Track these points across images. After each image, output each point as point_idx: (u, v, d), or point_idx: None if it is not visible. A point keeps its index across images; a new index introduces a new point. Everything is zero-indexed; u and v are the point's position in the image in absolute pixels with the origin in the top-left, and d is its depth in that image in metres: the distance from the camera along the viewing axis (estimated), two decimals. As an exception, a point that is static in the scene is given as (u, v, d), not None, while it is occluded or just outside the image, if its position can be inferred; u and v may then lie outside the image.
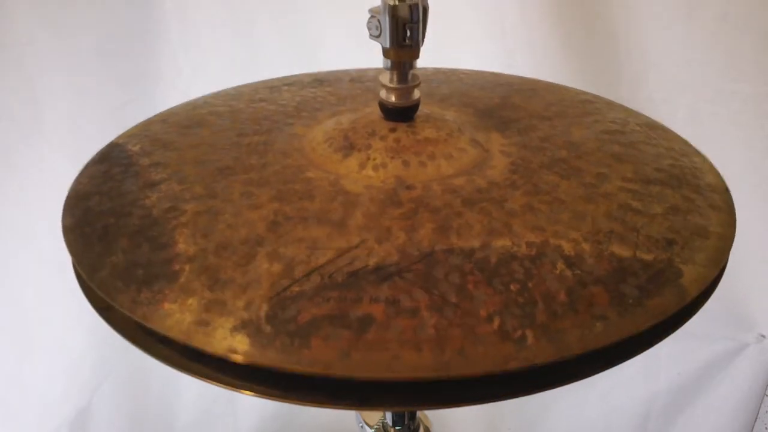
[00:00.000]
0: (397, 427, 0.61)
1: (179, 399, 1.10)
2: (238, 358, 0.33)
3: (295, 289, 0.36)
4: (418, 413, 0.62)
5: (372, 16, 0.46)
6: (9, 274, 0.93)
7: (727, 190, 0.48)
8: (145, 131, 0.56)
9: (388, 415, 0.61)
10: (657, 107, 0.93)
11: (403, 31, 0.46)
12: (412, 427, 0.62)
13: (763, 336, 1.05)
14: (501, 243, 0.39)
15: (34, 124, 0.90)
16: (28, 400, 0.98)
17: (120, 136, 0.55)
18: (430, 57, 0.49)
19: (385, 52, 0.48)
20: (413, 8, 0.46)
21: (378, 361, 0.33)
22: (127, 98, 0.95)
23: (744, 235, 0.54)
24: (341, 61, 0.91)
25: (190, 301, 0.36)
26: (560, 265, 0.38)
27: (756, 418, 1.11)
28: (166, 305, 0.36)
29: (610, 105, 0.60)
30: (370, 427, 0.62)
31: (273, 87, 0.64)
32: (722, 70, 0.90)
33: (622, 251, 0.39)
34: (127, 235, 0.41)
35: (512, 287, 0.36)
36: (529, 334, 0.34)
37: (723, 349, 1.07)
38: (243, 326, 0.34)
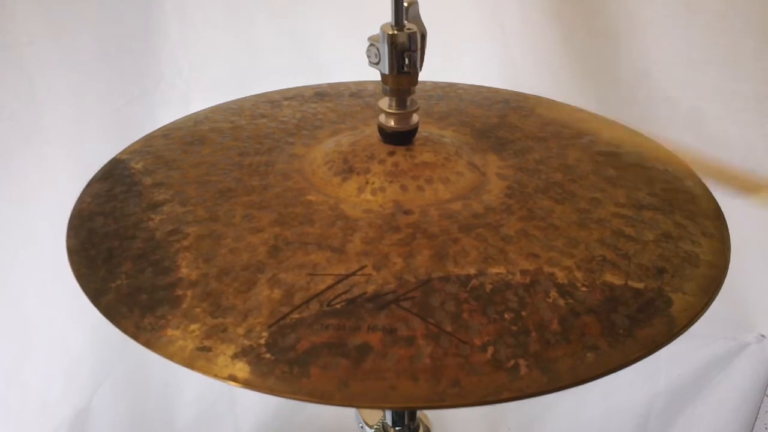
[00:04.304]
0: (397, 427, 0.62)
1: (179, 399, 1.11)
2: (239, 386, 0.34)
3: (295, 316, 0.37)
4: (418, 413, 0.63)
5: (371, 44, 0.47)
6: (9, 274, 0.93)
7: (719, 215, 0.49)
8: (147, 147, 0.56)
9: (388, 415, 0.62)
10: (657, 107, 0.93)
11: (402, 58, 0.47)
12: (412, 427, 0.62)
13: (763, 336, 1.05)
14: (496, 270, 0.40)
15: (34, 124, 0.90)
16: (28, 400, 0.98)
17: (123, 152, 0.56)
18: (430, 57, 0.50)
19: (384, 79, 0.49)
20: (412, 36, 0.46)
21: (375, 391, 0.34)
22: (127, 98, 0.95)
23: (744, 236, 0.55)
24: (340, 60, 0.92)
25: (192, 327, 0.37)
26: (553, 294, 0.39)
27: (756, 418, 1.11)
28: (169, 331, 0.37)
29: (606, 124, 0.61)
30: (370, 427, 0.63)
31: (274, 101, 0.65)
32: (722, 69, 0.90)
33: (613, 279, 0.40)
34: (131, 258, 0.42)
35: (506, 316, 0.37)
36: (522, 363, 0.35)
37: (723, 349, 1.07)
38: (244, 353, 0.35)
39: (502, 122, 0.60)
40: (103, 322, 0.39)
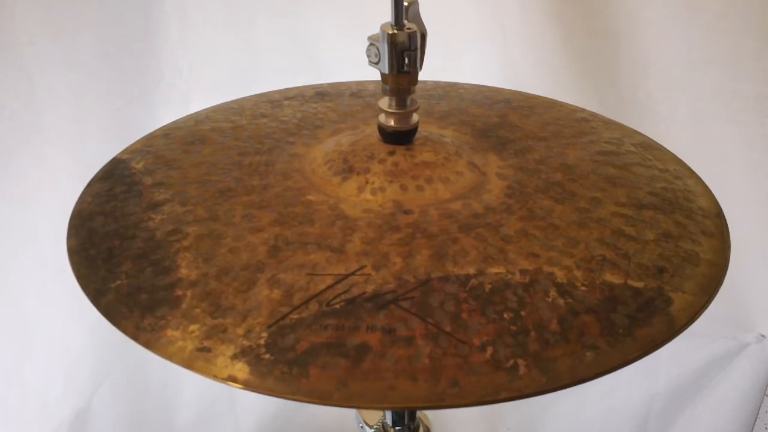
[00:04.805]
0: (397, 427, 0.62)
1: (179, 399, 1.11)
2: (238, 387, 0.34)
3: (294, 316, 0.37)
4: (418, 413, 0.63)
5: (371, 44, 0.47)
6: (9, 274, 0.94)
7: (719, 214, 0.49)
8: (147, 146, 0.56)
9: (388, 415, 0.62)
10: (657, 106, 0.93)
11: (402, 58, 0.47)
12: (412, 427, 0.62)
13: (763, 336, 1.06)
14: (495, 270, 0.40)
15: (34, 124, 0.90)
16: (28, 400, 0.98)
17: (123, 152, 0.56)
18: (430, 57, 0.50)
19: (384, 79, 0.49)
20: (412, 36, 0.46)
21: (374, 391, 0.34)
22: (127, 98, 0.95)
23: (744, 235, 0.54)
24: (340, 60, 0.92)
25: (191, 327, 0.37)
26: (553, 293, 0.39)
27: (756, 418, 1.11)
28: (169, 332, 0.37)
29: (606, 124, 0.61)
30: (370, 427, 0.63)
31: (274, 101, 0.65)
32: (722, 69, 0.90)
33: (613, 279, 0.40)
34: (131, 258, 0.42)
35: (505, 316, 0.37)
36: (520, 363, 0.35)
37: (723, 348, 1.08)
38: (243, 354, 0.35)
39: (503, 122, 0.60)
40: (103, 322, 0.39)
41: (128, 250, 0.43)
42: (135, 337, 0.37)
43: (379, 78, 0.50)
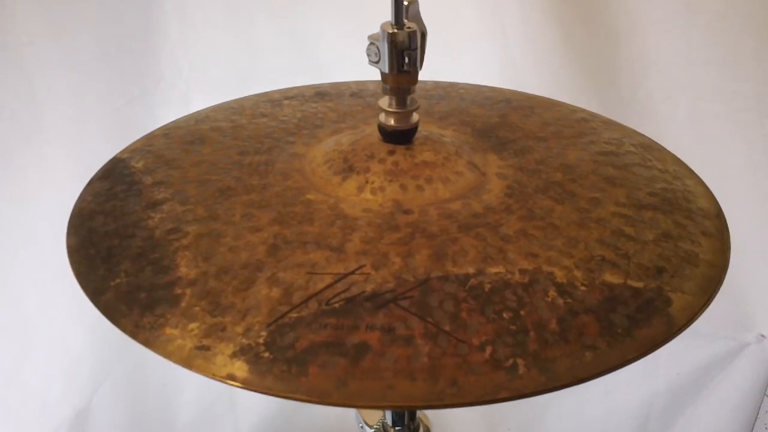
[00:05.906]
0: (397, 427, 0.62)
1: (179, 399, 1.11)
2: (237, 385, 0.34)
3: (293, 315, 0.37)
4: (418, 413, 0.63)
5: (371, 43, 0.47)
6: (9, 274, 0.94)
7: (719, 215, 0.49)
8: (147, 146, 0.56)
9: (388, 415, 0.62)
10: (657, 106, 0.93)
11: (402, 57, 0.47)
12: (412, 427, 0.62)
13: (763, 336, 1.06)
14: (495, 270, 0.40)
15: (34, 124, 0.90)
16: (28, 400, 0.98)
17: (123, 151, 0.56)
18: (430, 56, 0.50)
19: (384, 78, 0.49)
20: (412, 35, 0.46)
21: (373, 390, 0.34)
22: (127, 98, 0.96)
23: (744, 235, 0.54)
24: (340, 60, 0.92)
25: (191, 326, 0.37)
26: (552, 293, 0.39)
27: (756, 418, 1.11)
28: (168, 330, 0.37)
29: (606, 124, 0.61)
30: (370, 427, 0.63)
31: (274, 101, 0.65)
32: (722, 69, 0.90)
33: (613, 279, 0.40)
34: (131, 257, 0.42)
35: (505, 315, 0.37)
36: (520, 363, 0.35)
37: (723, 348, 1.08)
38: (242, 352, 0.35)
39: (503, 122, 0.60)
40: (102, 322, 0.39)
41: (128, 248, 0.43)
42: (134, 336, 0.37)
43: (379, 78, 0.50)
